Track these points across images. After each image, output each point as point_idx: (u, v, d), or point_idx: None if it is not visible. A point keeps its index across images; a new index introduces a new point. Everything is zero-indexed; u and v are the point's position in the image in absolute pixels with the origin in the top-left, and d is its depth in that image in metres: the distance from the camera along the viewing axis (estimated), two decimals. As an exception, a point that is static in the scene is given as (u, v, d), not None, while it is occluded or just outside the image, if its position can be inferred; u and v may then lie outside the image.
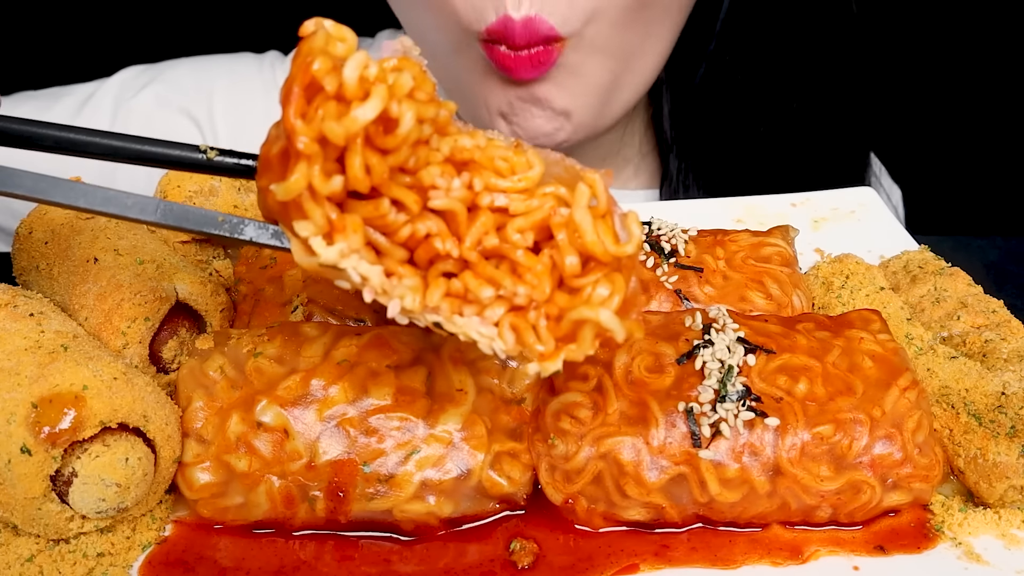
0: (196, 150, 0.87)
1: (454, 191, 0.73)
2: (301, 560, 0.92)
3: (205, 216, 0.83)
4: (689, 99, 1.73)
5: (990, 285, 1.18)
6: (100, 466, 0.85)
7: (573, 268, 0.74)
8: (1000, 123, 2.50)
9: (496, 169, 0.75)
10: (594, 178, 0.75)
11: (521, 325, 0.74)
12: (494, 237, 0.74)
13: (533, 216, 0.74)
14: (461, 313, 0.75)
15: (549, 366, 0.74)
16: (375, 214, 0.72)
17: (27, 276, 1.10)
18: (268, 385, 0.94)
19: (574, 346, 0.74)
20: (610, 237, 0.74)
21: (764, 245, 1.18)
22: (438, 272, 0.75)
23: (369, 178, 0.71)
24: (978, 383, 0.98)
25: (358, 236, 0.71)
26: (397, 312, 0.74)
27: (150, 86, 1.81)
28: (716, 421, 0.91)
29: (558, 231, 0.74)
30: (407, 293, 0.73)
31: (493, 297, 0.74)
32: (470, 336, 0.74)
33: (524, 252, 0.74)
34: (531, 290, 0.74)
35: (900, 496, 0.93)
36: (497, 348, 0.75)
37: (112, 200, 0.83)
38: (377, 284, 0.73)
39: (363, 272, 0.72)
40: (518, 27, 1.37)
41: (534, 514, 0.96)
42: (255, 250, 1.18)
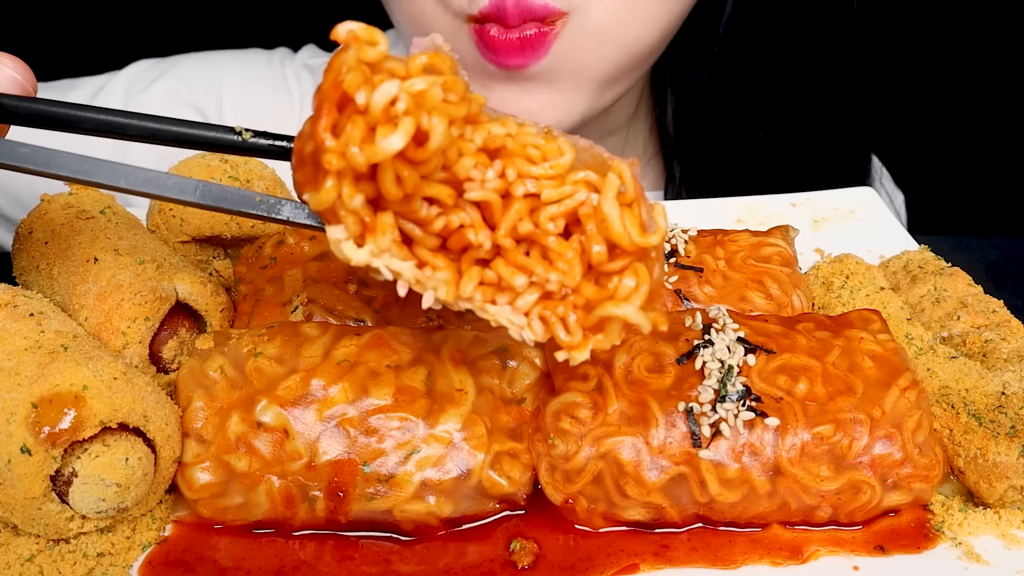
0: (231, 131, 0.87)
1: (489, 182, 0.75)
2: (301, 560, 0.92)
3: (243, 196, 0.83)
4: (692, 102, 1.72)
5: (990, 285, 1.18)
6: (100, 466, 0.85)
7: (600, 256, 0.75)
8: (1000, 123, 2.50)
9: (528, 156, 0.76)
10: (622, 167, 0.76)
11: (550, 316, 0.76)
12: (528, 223, 0.75)
13: (566, 204, 0.75)
14: (494, 301, 0.77)
15: (577, 355, 0.77)
16: (408, 210, 0.74)
17: (27, 276, 1.10)
18: (268, 385, 0.94)
19: (601, 336, 0.77)
20: (636, 228, 0.75)
21: (764, 245, 1.18)
22: (471, 260, 0.76)
23: (401, 188, 0.72)
24: (978, 383, 0.98)
25: (387, 237, 0.73)
26: (431, 303, 0.76)
27: (160, 80, 1.81)
28: (716, 421, 0.91)
29: (587, 221, 0.75)
30: (440, 285, 0.75)
31: (526, 284, 0.76)
32: (501, 323, 0.77)
33: (556, 239, 0.76)
34: (563, 276, 0.75)
35: (900, 496, 0.93)
36: (527, 337, 0.77)
37: (152, 181, 0.83)
38: (411, 277, 0.75)
39: (395, 268, 0.74)
40: (510, 7, 1.35)
41: (534, 514, 0.96)
42: (255, 250, 1.18)
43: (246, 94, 1.82)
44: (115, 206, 1.16)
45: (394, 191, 0.71)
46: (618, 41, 1.43)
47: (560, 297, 0.77)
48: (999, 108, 2.50)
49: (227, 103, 1.79)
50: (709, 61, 1.68)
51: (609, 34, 1.42)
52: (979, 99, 2.50)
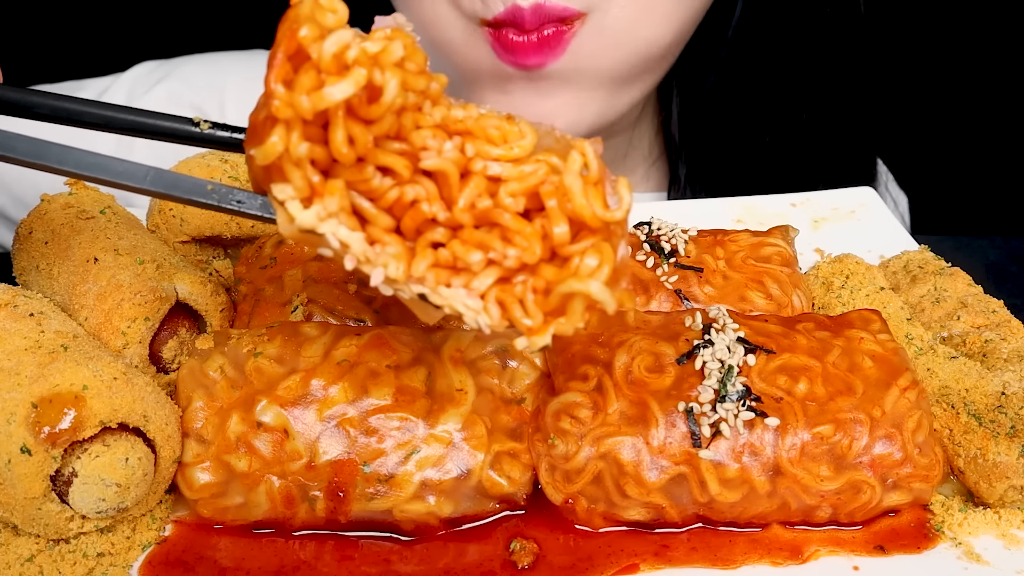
0: (189, 122, 0.86)
1: (446, 152, 0.72)
2: (301, 560, 0.92)
3: (195, 184, 0.81)
4: (698, 105, 1.72)
5: (990, 285, 1.18)
6: (100, 466, 0.85)
7: (563, 236, 0.72)
8: (1000, 123, 2.50)
9: (489, 137, 0.73)
10: (584, 146, 0.74)
11: (508, 298, 0.73)
12: (486, 199, 0.72)
13: (527, 181, 0.72)
14: (448, 284, 0.73)
15: (538, 340, 0.73)
16: (359, 178, 0.71)
17: (27, 276, 1.10)
18: (268, 385, 0.94)
19: (563, 319, 0.72)
20: (599, 202, 0.72)
21: (764, 245, 1.18)
22: (426, 242, 0.73)
23: (353, 149, 0.70)
24: (978, 383, 0.98)
25: (335, 199, 0.70)
26: (380, 281, 0.72)
27: (163, 82, 1.81)
28: (716, 421, 0.91)
29: (548, 198, 0.72)
30: (391, 261, 0.71)
31: (482, 262, 0.72)
32: (456, 309, 0.72)
33: (514, 216, 0.72)
34: (521, 252, 0.72)
35: (900, 496, 0.93)
36: (483, 322, 0.73)
37: (102, 166, 0.81)
38: (359, 251, 0.71)
39: (342, 238, 0.70)
40: (527, 13, 1.34)
41: (534, 514, 0.96)
42: (255, 250, 1.18)
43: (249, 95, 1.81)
44: (115, 206, 1.16)
45: (345, 150, 0.69)
46: (634, 41, 1.43)
47: (519, 280, 0.73)
48: (999, 108, 2.50)
49: (230, 104, 1.80)
50: (717, 65, 1.67)
51: (625, 34, 1.41)
52: (979, 99, 2.50)
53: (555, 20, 1.35)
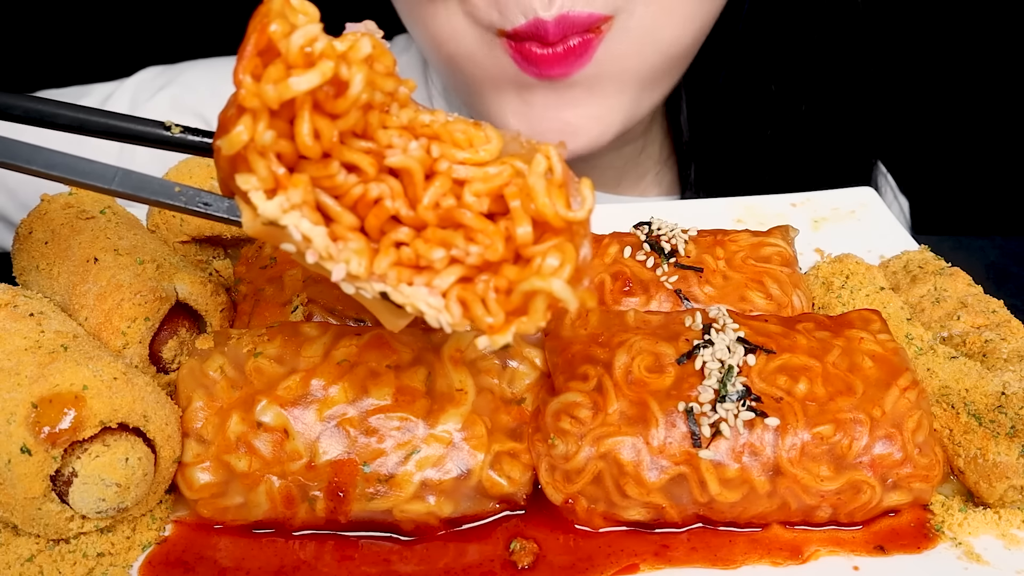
0: (161, 126, 0.86)
1: (411, 151, 0.73)
2: (301, 560, 0.92)
3: (163, 186, 0.81)
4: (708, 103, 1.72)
5: (990, 285, 1.18)
6: (100, 466, 0.85)
7: (526, 237, 0.72)
8: (1000, 123, 2.50)
9: (455, 141, 0.74)
10: (549, 149, 0.74)
11: (469, 297, 0.73)
12: (451, 199, 0.73)
13: (491, 181, 0.73)
14: (410, 283, 0.73)
15: (499, 339, 0.73)
16: (324, 174, 0.71)
17: (27, 276, 1.10)
18: (268, 385, 0.94)
19: (525, 318, 0.73)
20: (562, 202, 0.72)
21: (764, 245, 1.18)
22: (390, 241, 0.73)
23: (319, 143, 0.70)
24: (978, 383, 0.98)
25: (299, 191, 0.70)
26: (342, 277, 0.72)
27: (166, 88, 1.80)
28: (716, 421, 0.91)
29: (512, 199, 0.72)
30: (353, 257, 0.71)
31: (444, 259, 0.73)
32: (417, 307, 0.73)
33: (478, 216, 0.73)
34: (484, 249, 0.72)
35: (900, 496, 0.93)
36: (444, 320, 0.73)
37: (70, 166, 0.81)
38: (321, 246, 0.71)
39: (305, 231, 0.70)
40: (551, 25, 1.30)
41: (534, 514, 0.96)
42: (255, 250, 1.18)
43: None
44: (115, 206, 1.16)
45: (310, 143, 0.69)
46: (658, 41, 1.41)
47: (481, 280, 0.73)
48: (999, 108, 2.50)
49: None
50: (727, 61, 1.66)
51: (649, 35, 1.39)
52: (979, 99, 2.50)
53: (580, 30, 1.32)
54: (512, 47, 1.36)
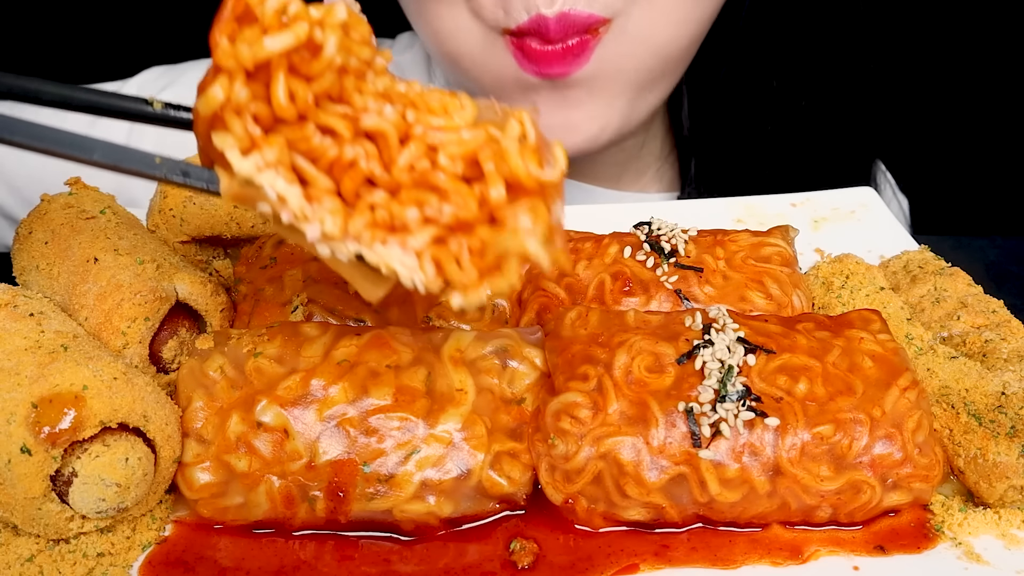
0: (144, 102, 0.87)
1: (386, 115, 0.74)
2: (301, 560, 0.92)
3: (143, 157, 0.81)
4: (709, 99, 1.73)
5: (990, 285, 1.18)
6: (100, 466, 0.85)
7: (499, 198, 0.73)
8: (1000, 123, 2.50)
9: (430, 108, 0.75)
10: (523, 114, 0.75)
11: (443, 256, 0.74)
12: (425, 161, 0.74)
13: (465, 145, 0.74)
14: (384, 243, 0.74)
15: (472, 297, 0.74)
16: (299, 136, 0.72)
17: (27, 276, 1.10)
18: (268, 385, 0.94)
19: (499, 277, 0.74)
20: (535, 163, 0.74)
21: (764, 245, 1.18)
22: (364, 203, 0.74)
23: (294, 105, 0.71)
24: (978, 383, 0.98)
25: (274, 150, 0.71)
26: (317, 237, 0.73)
27: (170, 88, 1.81)
28: (716, 421, 0.91)
29: (486, 161, 0.73)
30: (327, 216, 0.72)
31: (418, 219, 0.73)
32: (391, 266, 0.73)
33: (452, 178, 0.74)
34: (457, 209, 0.73)
35: (900, 496, 0.93)
36: (417, 279, 0.74)
37: (52, 138, 0.81)
38: (296, 206, 0.72)
39: (280, 190, 0.71)
40: (552, 23, 1.33)
41: (534, 514, 0.96)
42: (255, 250, 1.18)
43: None
44: (115, 206, 1.16)
45: (285, 104, 0.71)
46: (652, 45, 1.43)
47: (455, 240, 0.74)
48: (999, 108, 2.50)
49: None
50: (728, 57, 1.68)
51: (646, 37, 1.42)
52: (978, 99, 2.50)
53: (579, 30, 1.35)
54: (514, 44, 1.38)
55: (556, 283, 1.14)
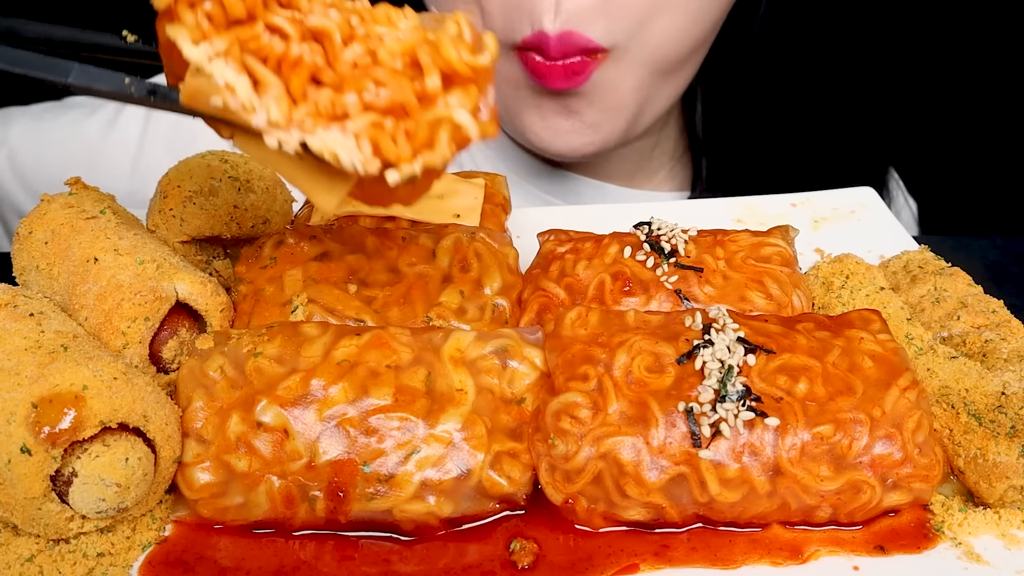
0: (118, 36, 0.91)
1: (332, 16, 0.78)
2: (301, 560, 0.92)
3: (114, 78, 0.85)
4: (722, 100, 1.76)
5: (990, 285, 1.18)
6: (100, 466, 0.85)
7: (435, 87, 0.78)
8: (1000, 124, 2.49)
9: (375, 18, 0.81)
10: (459, 16, 0.81)
11: (379, 136, 0.78)
12: (367, 57, 0.78)
13: (404, 42, 0.79)
14: (326, 128, 0.78)
15: (406, 168, 0.78)
16: (249, 35, 0.76)
17: (27, 276, 1.10)
18: (268, 385, 0.94)
19: (431, 152, 0.79)
20: (467, 50, 0.79)
21: (764, 245, 1.18)
22: (309, 96, 0.78)
23: (243, 4, 0.75)
24: (978, 383, 0.98)
25: (224, 40, 0.75)
26: (263, 123, 0.76)
27: None
28: (716, 421, 0.91)
29: (423, 55, 0.78)
30: (272, 104, 0.76)
31: (357, 105, 0.77)
32: (332, 150, 0.77)
33: (391, 71, 0.78)
34: (392, 92, 0.77)
35: (900, 496, 0.93)
36: (356, 160, 0.77)
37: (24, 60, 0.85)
38: (244, 95, 0.76)
39: (229, 79, 0.75)
40: (553, 40, 1.39)
41: (534, 514, 0.96)
42: (255, 250, 1.18)
43: None
44: (115, 206, 1.16)
45: (236, 5, 0.75)
46: (652, 65, 1.49)
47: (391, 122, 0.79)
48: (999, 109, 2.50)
49: None
50: (741, 60, 1.72)
51: (644, 63, 1.47)
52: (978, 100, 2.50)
53: (579, 51, 1.41)
54: (520, 57, 1.45)
55: (556, 283, 1.14)
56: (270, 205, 1.22)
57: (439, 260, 1.14)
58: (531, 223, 1.34)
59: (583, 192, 1.81)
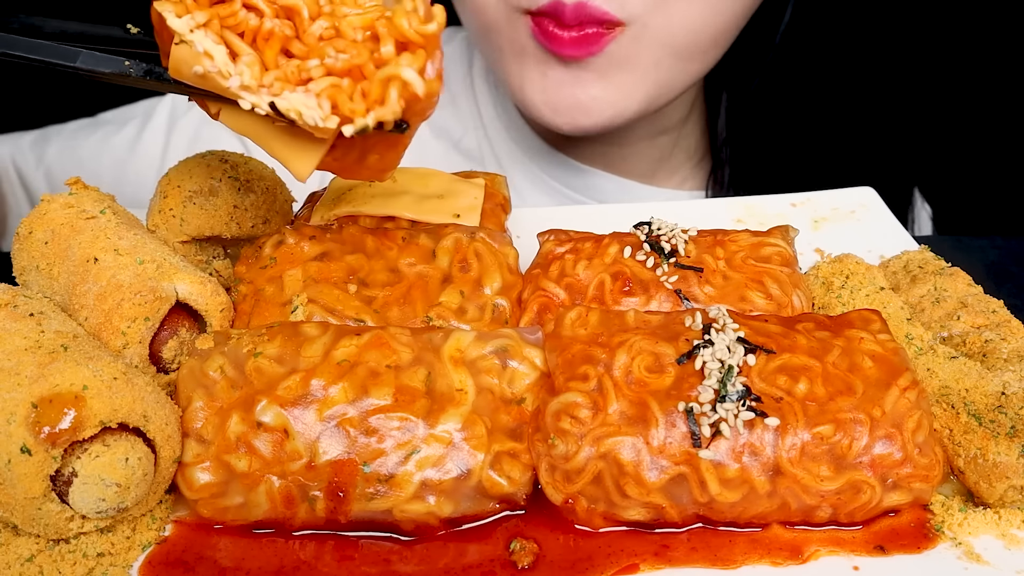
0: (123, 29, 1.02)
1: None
2: (301, 560, 0.92)
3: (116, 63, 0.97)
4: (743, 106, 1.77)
5: (990, 285, 1.18)
6: (100, 466, 0.85)
7: (389, 53, 0.88)
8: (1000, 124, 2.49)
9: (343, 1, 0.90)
10: None
11: (336, 93, 0.88)
12: (332, 30, 0.88)
13: (365, 17, 0.88)
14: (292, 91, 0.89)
15: (359, 121, 0.87)
16: (228, 12, 0.87)
17: (27, 276, 1.10)
18: (268, 385, 0.94)
19: (382, 107, 0.87)
20: (418, 20, 0.87)
21: (764, 245, 1.18)
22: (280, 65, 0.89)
23: None
24: (978, 383, 0.98)
25: (204, 13, 0.87)
26: (237, 87, 0.88)
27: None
28: (716, 421, 0.91)
29: (380, 27, 0.87)
30: (245, 69, 0.88)
31: (320, 68, 0.88)
32: (297, 108, 0.88)
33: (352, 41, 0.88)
34: (351, 56, 0.88)
35: (900, 496, 0.93)
36: (316, 117, 0.87)
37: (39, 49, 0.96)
38: (220, 61, 0.87)
39: (208, 47, 0.87)
40: (569, 8, 1.39)
41: (534, 514, 0.96)
42: (255, 250, 1.18)
43: None
44: (115, 206, 1.16)
45: None
46: (669, 46, 1.48)
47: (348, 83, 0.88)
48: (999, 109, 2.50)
49: None
50: (762, 68, 1.73)
51: (661, 40, 1.46)
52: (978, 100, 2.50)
53: (595, 22, 1.40)
54: (534, 21, 1.45)
55: (556, 283, 1.14)
56: (270, 205, 1.22)
57: (439, 260, 1.15)
58: (531, 223, 1.34)
59: (604, 188, 1.83)
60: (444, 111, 1.95)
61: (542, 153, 1.84)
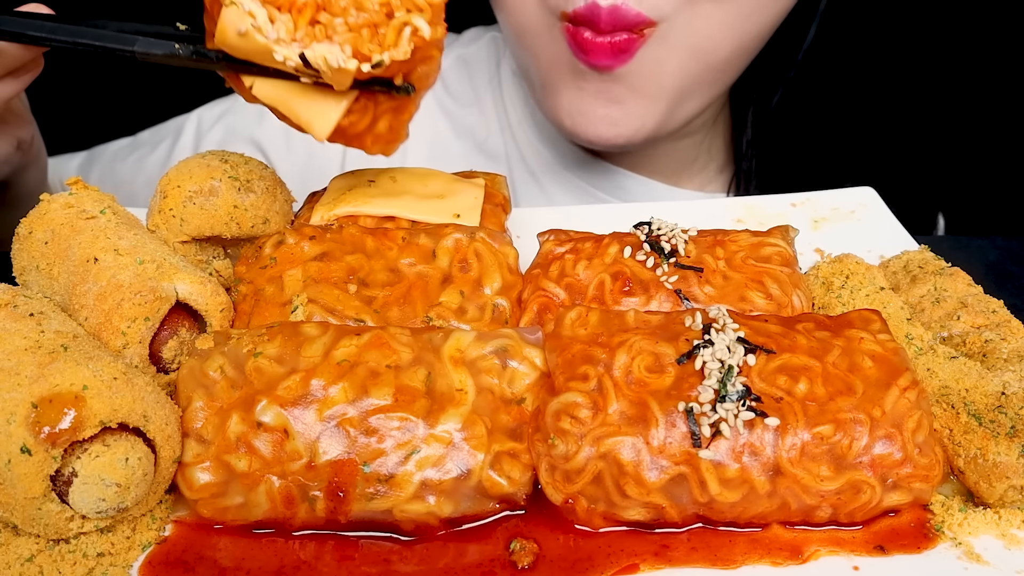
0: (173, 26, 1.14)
1: None
2: (301, 560, 0.92)
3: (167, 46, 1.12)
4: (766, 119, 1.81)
5: (990, 285, 1.18)
6: (100, 466, 0.85)
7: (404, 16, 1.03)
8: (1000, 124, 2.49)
9: None
10: None
11: (356, 39, 1.02)
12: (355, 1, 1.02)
13: None
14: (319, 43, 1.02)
15: (376, 56, 1.02)
16: None
17: (27, 276, 1.10)
18: (268, 385, 0.94)
19: (396, 49, 1.02)
20: None
21: (764, 245, 1.18)
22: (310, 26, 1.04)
23: None
24: (978, 383, 0.98)
25: None
26: (273, 38, 1.01)
27: (224, 118, 1.98)
28: (716, 421, 0.91)
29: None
30: (281, 26, 1.02)
31: (344, 26, 1.02)
32: (323, 55, 1.01)
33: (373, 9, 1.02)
34: (370, 14, 1.02)
35: (900, 496, 0.93)
36: (341, 59, 1.02)
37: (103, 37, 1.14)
38: (262, 21, 1.01)
39: (250, 8, 1.00)
40: (604, 12, 1.43)
41: (534, 514, 0.96)
42: (255, 250, 1.18)
43: None
44: (115, 206, 1.16)
45: None
46: (694, 50, 1.52)
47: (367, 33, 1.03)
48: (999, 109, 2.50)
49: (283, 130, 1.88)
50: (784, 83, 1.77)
51: (687, 44, 1.50)
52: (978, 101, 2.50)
53: (627, 26, 1.44)
54: (569, 32, 1.49)
55: (556, 283, 1.14)
56: (270, 205, 1.22)
57: (439, 260, 1.15)
58: (531, 223, 1.34)
59: (629, 187, 1.85)
60: (468, 110, 1.97)
61: (570, 154, 1.86)
